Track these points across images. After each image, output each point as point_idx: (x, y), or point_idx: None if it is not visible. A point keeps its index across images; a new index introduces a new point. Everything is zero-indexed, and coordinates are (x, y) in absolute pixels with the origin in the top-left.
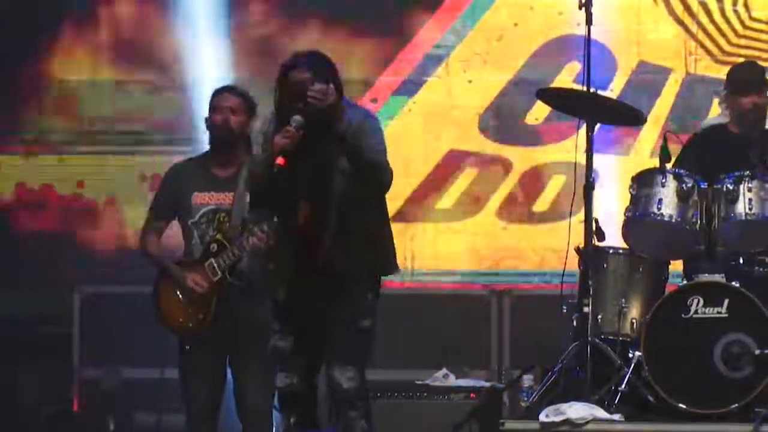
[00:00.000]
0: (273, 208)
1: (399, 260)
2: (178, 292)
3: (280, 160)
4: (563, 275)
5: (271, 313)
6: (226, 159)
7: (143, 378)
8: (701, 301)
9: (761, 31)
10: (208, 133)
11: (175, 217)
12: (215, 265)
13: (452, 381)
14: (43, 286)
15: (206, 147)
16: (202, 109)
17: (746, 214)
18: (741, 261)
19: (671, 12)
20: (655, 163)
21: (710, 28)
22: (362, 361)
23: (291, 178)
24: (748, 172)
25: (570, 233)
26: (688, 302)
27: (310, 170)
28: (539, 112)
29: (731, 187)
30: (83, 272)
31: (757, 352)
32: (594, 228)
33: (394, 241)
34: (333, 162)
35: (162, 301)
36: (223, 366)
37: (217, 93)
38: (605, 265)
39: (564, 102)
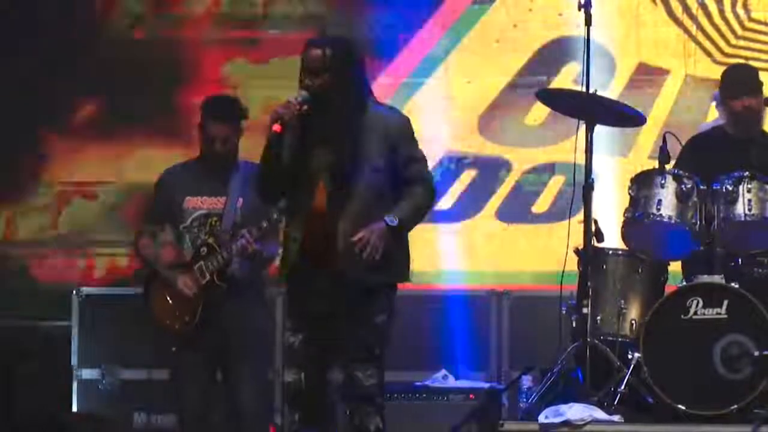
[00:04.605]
0: (288, 190)
1: None
2: (167, 294)
3: (276, 127)
4: (562, 276)
5: (286, 308)
6: (219, 165)
7: (142, 379)
8: (700, 302)
9: (760, 32)
10: (201, 139)
11: (169, 221)
12: (204, 268)
13: (451, 382)
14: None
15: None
16: None
17: (745, 215)
18: (740, 262)
19: (670, 13)
20: (655, 164)
21: (709, 29)
22: (380, 358)
23: (308, 160)
24: (747, 173)
25: (569, 234)
26: (688, 303)
27: (331, 156)
28: (538, 112)
29: (730, 188)
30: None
31: (757, 353)
32: (593, 229)
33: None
34: (361, 153)
35: (152, 303)
36: (213, 368)
37: (210, 117)
38: (604, 266)
39: (563, 103)
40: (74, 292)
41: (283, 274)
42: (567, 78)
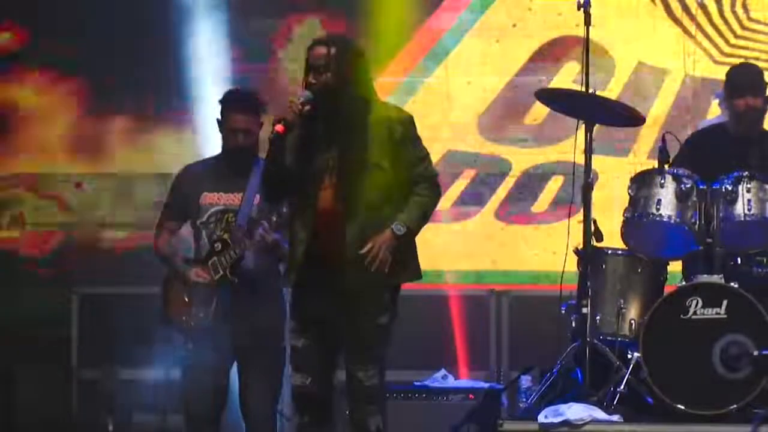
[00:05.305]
0: (293, 190)
1: None
2: (183, 291)
3: (278, 128)
4: (562, 276)
5: (289, 310)
6: (237, 161)
7: (142, 379)
8: (700, 302)
9: (760, 32)
10: (222, 133)
11: (187, 217)
12: (218, 263)
13: (451, 382)
14: (43, 286)
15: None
16: None
17: (745, 214)
18: (739, 262)
19: (670, 13)
20: (654, 164)
21: (709, 29)
22: (382, 358)
23: (312, 160)
24: (747, 172)
25: (569, 234)
26: (687, 303)
27: (336, 155)
28: (538, 112)
29: (730, 188)
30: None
31: (756, 353)
32: (593, 228)
33: None
34: (366, 152)
35: (169, 300)
36: (226, 366)
37: (230, 109)
38: (604, 266)
39: (563, 102)
40: (74, 292)
41: (290, 279)
42: (567, 78)
